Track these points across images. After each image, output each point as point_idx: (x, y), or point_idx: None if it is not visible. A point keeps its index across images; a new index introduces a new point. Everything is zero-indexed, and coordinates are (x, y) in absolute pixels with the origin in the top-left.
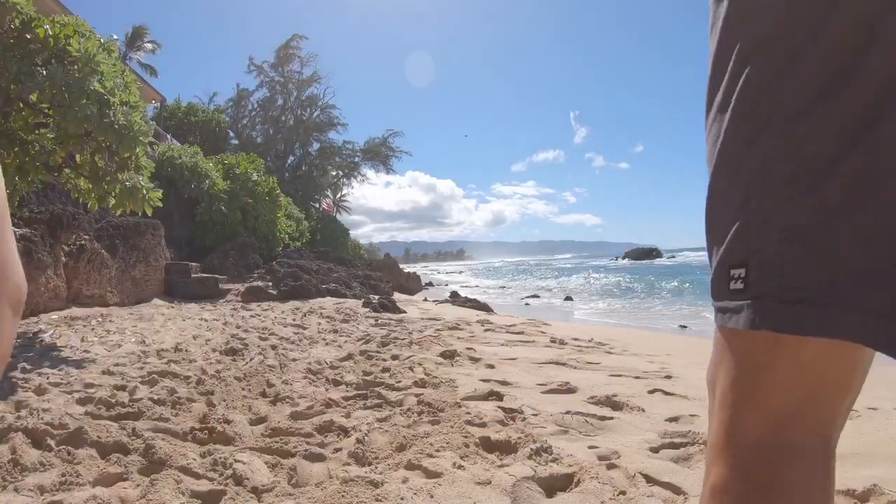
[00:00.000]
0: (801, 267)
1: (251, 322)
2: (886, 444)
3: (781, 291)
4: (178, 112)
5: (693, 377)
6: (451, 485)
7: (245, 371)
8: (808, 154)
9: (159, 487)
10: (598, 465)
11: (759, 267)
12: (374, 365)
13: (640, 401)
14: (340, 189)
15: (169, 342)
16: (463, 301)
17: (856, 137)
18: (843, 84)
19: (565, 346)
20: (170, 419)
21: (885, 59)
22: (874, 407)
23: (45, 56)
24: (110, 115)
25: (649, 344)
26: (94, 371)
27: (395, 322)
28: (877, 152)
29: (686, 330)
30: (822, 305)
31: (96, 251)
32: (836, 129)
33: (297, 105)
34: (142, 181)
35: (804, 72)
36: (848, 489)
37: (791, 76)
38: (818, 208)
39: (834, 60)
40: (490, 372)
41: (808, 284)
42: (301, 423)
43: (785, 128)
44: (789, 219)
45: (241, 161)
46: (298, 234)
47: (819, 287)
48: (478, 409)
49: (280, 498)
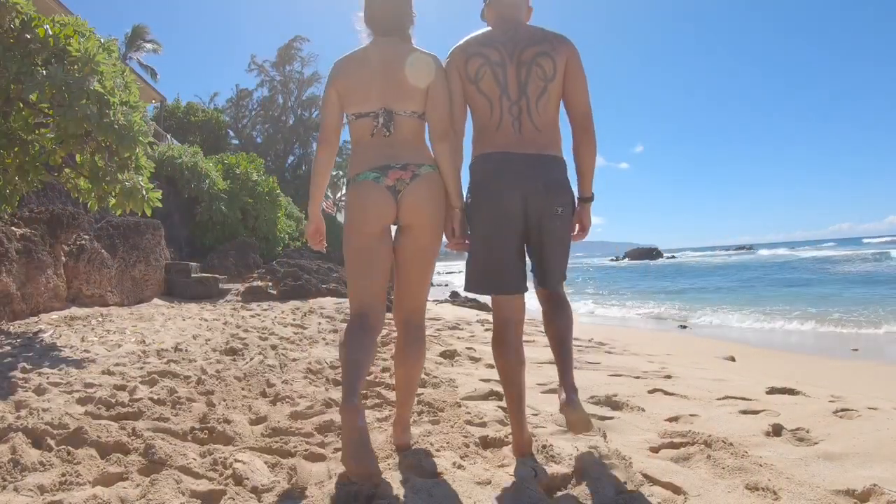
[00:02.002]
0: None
1: (251, 322)
2: (886, 444)
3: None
4: (178, 112)
5: (693, 377)
6: (451, 484)
7: (245, 371)
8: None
9: (159, 487)
10: (598, 464)
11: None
12: (374, 364)
13: (640, 401)
14: (340, 189)
15: (169, 342)
16: (463, 301)
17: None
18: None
19: None
20: (170, 419)
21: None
22: (874, 407)
23: (45, 56)
24: (110, 115)
25: (649, 344)
26: (94, 371)
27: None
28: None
29: (686, 330)
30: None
31: (96, 251)
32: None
33: (297, 105)
34: (142, 181)
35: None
36: (848, 489)
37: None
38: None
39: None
40: (490, 372)
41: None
42: (301, 422)
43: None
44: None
45: (241, 161)
46: (298, 234)
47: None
48: (478, 409)
49: (280, 498)
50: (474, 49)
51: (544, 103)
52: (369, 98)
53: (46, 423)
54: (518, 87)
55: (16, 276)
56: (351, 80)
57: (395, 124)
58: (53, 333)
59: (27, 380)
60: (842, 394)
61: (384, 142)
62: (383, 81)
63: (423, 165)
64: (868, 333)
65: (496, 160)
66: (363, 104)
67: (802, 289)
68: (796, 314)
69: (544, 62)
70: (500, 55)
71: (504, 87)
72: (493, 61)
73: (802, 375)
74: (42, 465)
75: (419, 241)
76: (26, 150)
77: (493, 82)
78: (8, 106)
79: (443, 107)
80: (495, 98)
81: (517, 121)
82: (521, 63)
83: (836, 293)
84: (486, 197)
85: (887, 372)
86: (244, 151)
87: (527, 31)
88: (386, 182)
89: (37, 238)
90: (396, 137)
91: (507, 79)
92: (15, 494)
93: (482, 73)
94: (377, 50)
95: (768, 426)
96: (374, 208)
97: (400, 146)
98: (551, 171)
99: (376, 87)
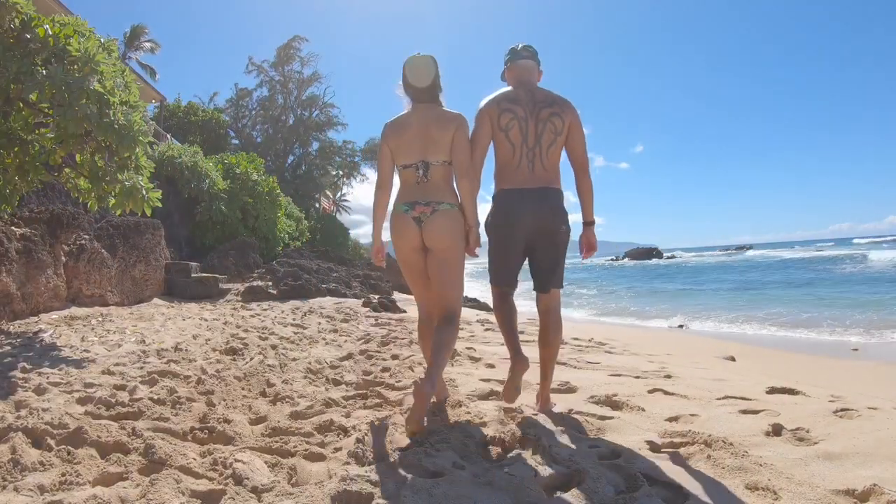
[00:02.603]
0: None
1: (251, 322)
2: (886, 444)
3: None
4: (178, 112)
5: (693, 377)
6: (450, 484)
7: (245, 371)
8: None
9: (159, 487)
10: (598, 464)
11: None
12: (374, 364)
13: (640, 400)
14: (340, 189)
15: (169, 342)
16: (463, 301)
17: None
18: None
19: (565, 346)
20: (170, 419)
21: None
22: (874, 407)
23: (45, 56)
24: (110, 114)
25: (649, 344)
26: (94, 371)
27: (395, 321)
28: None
29: (686, 330)
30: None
31: (96, 251)
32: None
33: (297, 105)
34: (141, 181)
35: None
36: (848, 489)
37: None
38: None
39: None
40: (490, 371)
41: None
42: (301, 422)
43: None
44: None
45: (241, 160)
46: (298, 234)
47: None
48: (478, 409)
49: (280, 498)
50: (505, 105)
51: (553, 150)
52: (412, 153)
53: (46, 423)
54: (535, 137)
55: (16, 275)
56: (398, 140)
57: (430, 172)
58: (53, 333)
59: (27, 380)
60: (842, 394)
61: (423, 186)
62: (421, 140)
63: (443, 203)
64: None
65: (514, 196)
66: (408, 158)
67: (801, 289)
68: (797, 314)
69: (556, 121)
70: (525, 112)
71: (525, 136)
72: (519, 116)
73: (802, 375)
74: (42, 465)
75: (438, 259)
76: (26, 150)
77: (518, 133)
78: (8, 106)
79: (464, 153)
80: (518, 144)
81: (531, 163)
82: (539, 120)
83: (830, 293)
84: (504, 223)
85: (887, 372)
86: (244, 151)
87: (542, 94)
88: (413, 213)
89: (37, 238)
90: (430, 181)
91: (528, 131)
92: (15, 494)
93: (511, 125)
94: (416, 115)
95: (768, 426)
96: (404, 233)
97: (431, 188)
98: (556, 200)
99: (417, 145)
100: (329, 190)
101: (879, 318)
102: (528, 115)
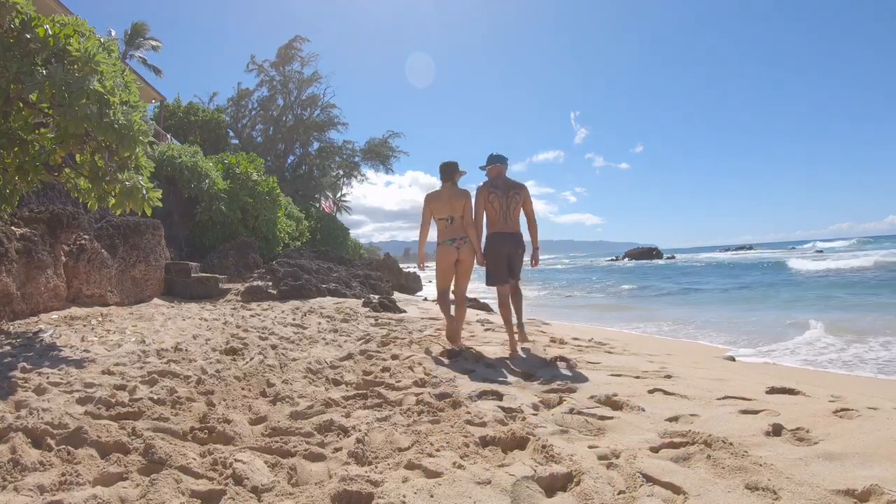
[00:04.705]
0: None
1: (251, 322)
2: (886, 444)
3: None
4: (178, 111)
5: (693, 377)
6: (451, 484)
7: (245, 371)
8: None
9: (159, 487)
10: (598, 464)
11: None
12: (374, 364)
13: (640, 400)
14: (340, 189)
15: (169, 342)
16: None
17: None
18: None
19: (565, 346)
20: (170, 419)
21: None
22: (874, 407)
23: (45, 55)
24: (110, 114)
25: (649, 344)
26: (94, 371)
27: (395, 322)
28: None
29: (686, 330)
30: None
31: (96, 251)
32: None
33: (297, 105)
34: (142, 181)
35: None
36: (848, 489)
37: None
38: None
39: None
40: (490, 371)
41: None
42: (301, 422)
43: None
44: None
45: (241, 161)
46: (298, 234)
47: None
48: (478, 409)
49: (280, 497)
50: (491, 189)
51: (515, 211)
52: (443, 212)
53: (46, 423)
54: (507, 205)
55: (16, 275)
56: (435, 204)
57: (454, 222)
58: (53, 333)
59: (27, 380)
60: (842, 394)
61: (451, 228)
62: (448, 205)
63: (466, 239)
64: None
65: (499, 236)
66: (441, 214)
67: (801, 289)
68: (795, 314)
69: (517, 196)
70: (502, 192)
71: (502, 205)
72: (499, 195)
73: (802, 375)
74: (42, 465)
75: (462, 267)
76: (26, 150)
77: (498, 203)
78: (8, 106)
79: (469, 213)
80: (498, 209)
81: (505, 219)
82: (509, 196)
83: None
84: (495, 249)
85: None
86: (244, 151)
87: (510, 182)
88: (454, 245)
89: (37, 238)
90: (455, 226)
91: (504, 202)
92: (15, 494)
93: (494, 199)
94: (444, 190)
95: (768, 426)
96: (448, 255)
97: (457, 229)
98: (519, 239)
99: (446, 208)
100: (329, 190)
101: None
102: (503, 194)
